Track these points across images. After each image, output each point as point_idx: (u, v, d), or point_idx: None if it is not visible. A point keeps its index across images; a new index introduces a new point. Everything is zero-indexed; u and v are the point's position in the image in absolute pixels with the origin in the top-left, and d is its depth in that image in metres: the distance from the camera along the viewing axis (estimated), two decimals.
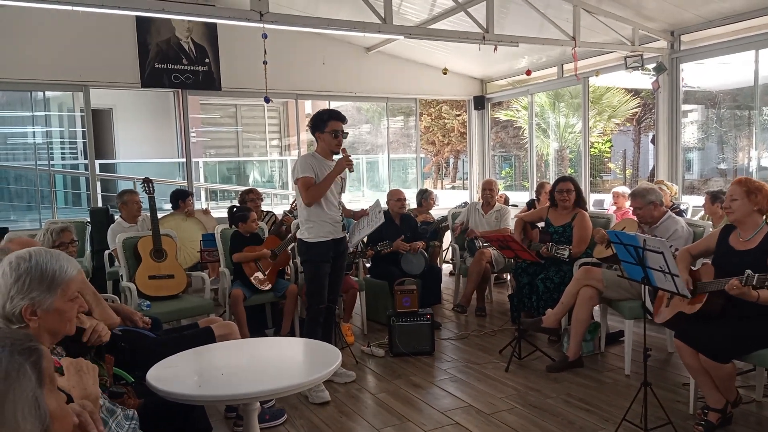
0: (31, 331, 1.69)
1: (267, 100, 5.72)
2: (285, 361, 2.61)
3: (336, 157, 3.85)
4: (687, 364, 3.09)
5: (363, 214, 4.32)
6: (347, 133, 3.86)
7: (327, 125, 3.79)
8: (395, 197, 5.65)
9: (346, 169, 3.91)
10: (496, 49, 5.81)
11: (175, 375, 2.27)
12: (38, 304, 1.75)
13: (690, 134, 12.70)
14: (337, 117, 3.82)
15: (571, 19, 5.98)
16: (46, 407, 0.98)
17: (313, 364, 2.36)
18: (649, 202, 4.00)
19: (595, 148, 13.46)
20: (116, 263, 5.42)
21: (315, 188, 3.72)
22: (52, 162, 9.46)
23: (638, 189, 4.15)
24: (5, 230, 5.60)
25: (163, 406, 2.36)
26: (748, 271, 2.78)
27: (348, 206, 4.33)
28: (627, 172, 15.43)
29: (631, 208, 4.30)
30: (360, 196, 11.22)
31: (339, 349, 2.65)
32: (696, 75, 8.76)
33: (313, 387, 3.54)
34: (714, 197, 4.91)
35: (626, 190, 6.40)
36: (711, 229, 3.94)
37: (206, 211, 6.49)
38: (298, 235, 3.99)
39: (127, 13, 5.13)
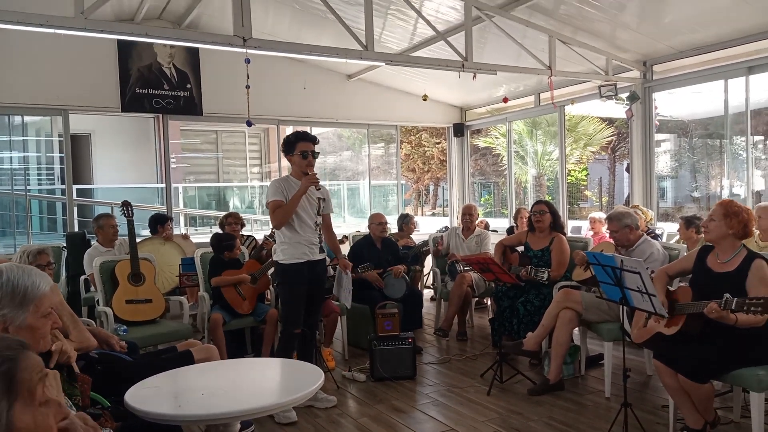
0: None
1: (249, 124, 5.74)
2: (266, 381, 2.58)
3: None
4: (666, 384, 3.12)
5: (343, 263, 4.20)
6: (318, 153, 3.84)
7: (295, 147, 3.78)
8: (376, 221, 5.67)
9: (325, 190, 3.90)
10: (475, 76, 5.93)
11: (153, 395, 2.22)
12: (10, 320, 1.71)
13: (663, 163, 13.02)
14: (305, 138, 3.81)
15: (547, 49, 6.15)
16: (10, 422, 0.91)
17: (295, 382, 2.33)
18: (624, 225, 4.08)
19: (571, 176, 13.72)
20: (92, 288, 5.33)
21: (280, 210, 3.70)
22: (28, 187, 9.33)
23: (614, 213, 4.23)
24: None
25: (140, 430, 2.31)
26: (727, 295, 2.82)
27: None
28: (603, 199, 15.71)
29: (608, 232, 4.38)
30: (341, 222, 11.22)
31: None
32: (668, 104, 9.03)
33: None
34: (689, 222, 5.02)
35: (602, 216, 6.52)
36: (686, 253, 4.01)
37: (185, 236, 6.42)
38: (273, 258, 3.97)
39: (109, 36, 5.15)
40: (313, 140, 3.84)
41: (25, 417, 0.94)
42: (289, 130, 11.96)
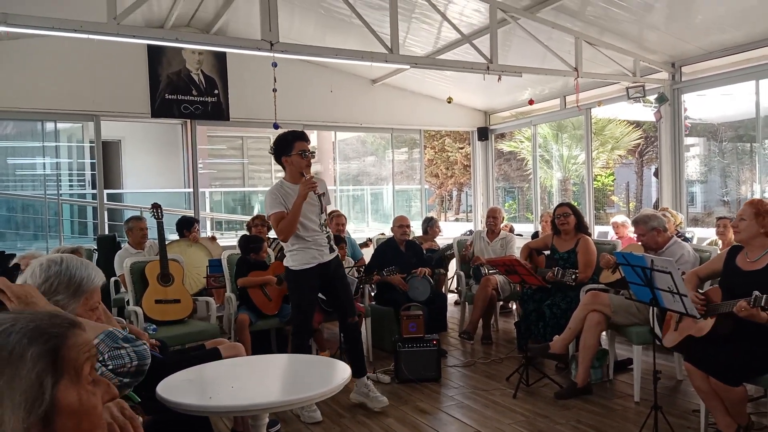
0: None
1: (276, 127, 5.79)
2: (294, 376, 2.60)
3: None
4: (697, 388, 3.06)
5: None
6: (314, 152, 3.74)
7: (293, 147, 3.62)
8: (397, 224, 5.68)
9: (322, 183, 3.78)
10: (500, 79, 5.91)
11: (185, 387, 2.26)
12: (62, 307, 1.76)
13: (693, 168, 12.79)
14: (302, 137, 3.68)
15: (573, 50, 6.11)
16: (53, 398, 0.92)
17: (323, 378, 2.35)
18: (651, 228, 4.02)
19: (598, 180, 13.55)
20: (122, 290, 5.44)
21: (284, 223, 3.55)
22: (60, 192, 9.56)
23: (640, 216, 4.17)
24: (12, 256, 5.62)
25: (170, 424, 2.34)
26: (756, 293, 2.77)
27: (353, 234, 4.32)
28: (630, 204, 15.48)
29: (635, 236, 4.32)
30: (365, 226, 11.24)
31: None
32: (698, 107, 8.87)
33: (305, 407, 3.56)
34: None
35: (625, 219, 6.42)
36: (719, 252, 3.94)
37: (212, 239, 6.51)
38: (284, 263, 3.83)
39: (141, 42, 5.27)
40: (308, 139, 3.72)
41: (70, 395, 0.94)
42: (313, 135, 12.09)
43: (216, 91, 7.40)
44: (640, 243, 4.19)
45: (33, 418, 0.89)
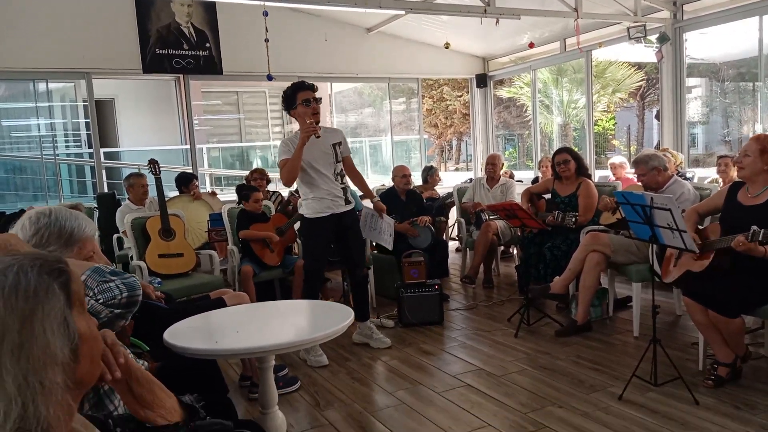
0: None
1: (270, 78, 5.72)
2: (298, 319, 2.65)
3: (321, 132, 3.60)
4: (696, 321, 3.11)
5: (379, 206, 4.31)
6: (320, 99, 3.71)
7: (296, 98, 3.62)
8: (400, 173, 5.67)
9: (339, 132, 3.86)
10: (497, 22, 5.79)
11: (191, 333, 2.30)
12: None
13: (694, 109, 12.64)
14: (302, 87, 3.65)
15: None
16: (75, 327, 0.97)
17: (326, 320, 2.39)
18: (652, 167, 4.00)
19: (598, 125, 13.43)
20: (125, 246, 5.47)
21: (284, 168, 3.59)
22: (57, 152, 9.51)
23: (640, 155, 4.15)
24: (11, 216, 5.64)
25: (179, 370, 2.40)
26: (754, 227, 2.79)
27: (353, 186, 4.31)
28: (631, 147, 15.39)
29: (635, 176, 4.30)
30: (365, 178, 11.21)
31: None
32: (699, 46, 8.71)
33: (311, 351, 3.65)
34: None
35: (623, 160, 6.40)
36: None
37: (213, 193, 6.51)
38: (300, 211, 3.94)
39: None
40: (311, 87, 3.68)
41: (82, 324, 1.00)
42: None
43: (207, 45, 7.25)
44: (640, 183, 4.18)
45: (69, 348, 0.95)
